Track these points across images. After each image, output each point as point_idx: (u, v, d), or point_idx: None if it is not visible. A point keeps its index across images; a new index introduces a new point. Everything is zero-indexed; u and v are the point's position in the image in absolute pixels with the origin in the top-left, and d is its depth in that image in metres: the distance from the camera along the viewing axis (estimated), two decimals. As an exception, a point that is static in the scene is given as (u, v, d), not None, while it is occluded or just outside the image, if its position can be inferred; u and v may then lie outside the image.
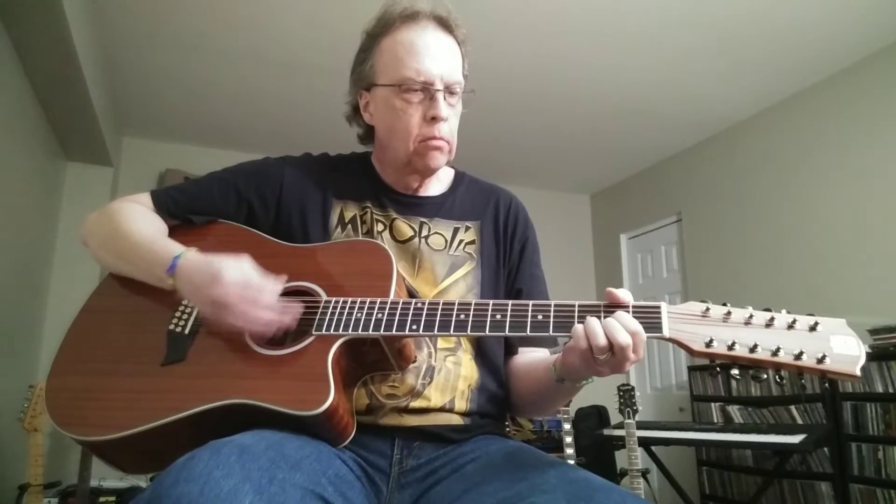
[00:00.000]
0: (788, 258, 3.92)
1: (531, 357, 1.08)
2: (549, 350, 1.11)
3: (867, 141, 3.53)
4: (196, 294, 0.89)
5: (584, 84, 3.90)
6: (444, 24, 1.04)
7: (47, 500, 2.88)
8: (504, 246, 1.12)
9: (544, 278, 1.16)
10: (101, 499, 3.13)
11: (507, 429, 1.69)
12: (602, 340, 0.77)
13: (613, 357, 0.77)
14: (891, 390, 2.96)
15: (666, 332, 0.78)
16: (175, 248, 0.95)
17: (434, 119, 1.00)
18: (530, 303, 0.84)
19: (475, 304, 0.86)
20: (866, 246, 3.47)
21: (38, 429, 2.61)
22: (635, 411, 2.72)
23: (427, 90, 1.00)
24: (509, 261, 1.12)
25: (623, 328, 0.77)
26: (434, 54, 1.00)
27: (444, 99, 1.01)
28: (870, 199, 3.48)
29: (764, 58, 3.57)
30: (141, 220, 1.02)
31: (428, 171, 1.07)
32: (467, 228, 1.10)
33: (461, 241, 1.08)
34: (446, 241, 1.07)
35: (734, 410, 3.69)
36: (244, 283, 0.86)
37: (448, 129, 1.03)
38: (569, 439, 2.90)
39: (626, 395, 2.74)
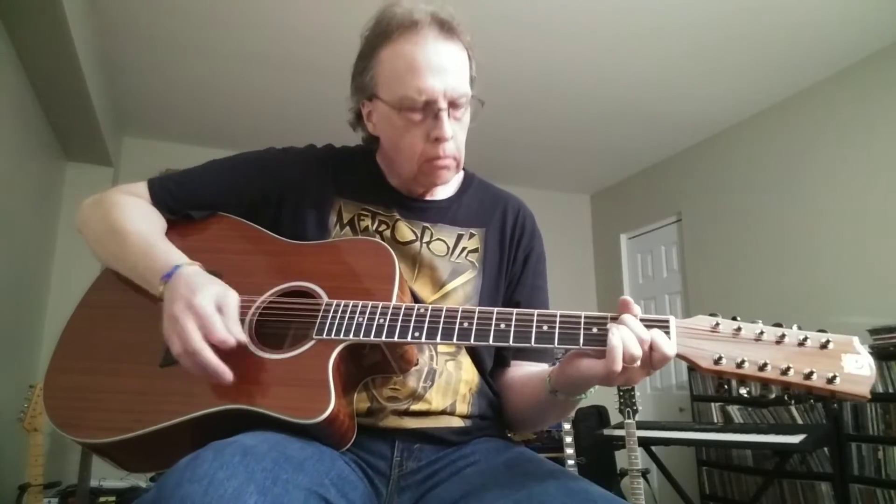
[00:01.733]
0: (788, 258, 3.92)
1: (527, 370, 1.04)
2: (546, 364, 1.08)
3: (867, 141, 3.53)
4: (168, 305, 0.84)
5: (585, 84, 3.90)
6: (447, 30, 0.96)
7: (47, 500, 2.88)
8: (508, 255, 1.08)
9: (547, 290, 1.11)
10: (101, 499, 3.12)
11: (509, 431, 1.68)
12: (636, 350, 0.75)
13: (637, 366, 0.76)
14: (891, 390, 2.96)
15: (674, 348, 0.77)
16: (175, 257, 0.91)
17: (438, 140, 0.96)
18: (535, 312, 0.82)
19: (479, 312, 0.84)
20: (866, 246, 3.47)
21: (38, 429, 2.61)
22: (635, 411, 2.72)
23: (430, 109, 0.94)
24: (511, 270, 1.08)
25: (643, 329, 0.77)
26: (436, 69, 0.93)
27: (449, 116, 0.95)
28: (870, 198, 3.48)
29: (764, 58, 3.57)
30: (139, 218, 0.99)
31: (434, 186, 1.05)
32: (471, 236, 1.06)
33: (464, 248, 1.05)
34: (448, 247, 1.04)
35: (734, 410, 3.69)
36: (209, 314, 0.81)
37: (454, 146, 0.98)
38: (569, 439, 2.90)
39: (626, 395, 2.74)
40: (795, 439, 2.79)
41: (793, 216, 3.93)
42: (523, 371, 1.04)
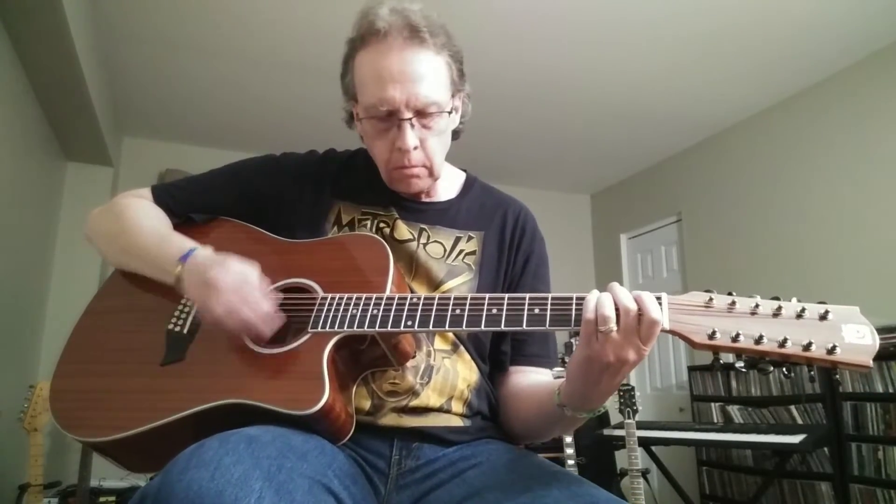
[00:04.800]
0: (788, 258, 3.92)
1: (533, 379, 1.04)
2: (549, 370, 1.07)
3: (867, 141, 3.53)
4: (193, 277, 0.89)
5: (585, 84, 3.90)
6: (417, 37, 0.94)
7: (47, 500, 2.88)
8: (508, 258, 1.07)
9: (549, 293, 1.11)
10: (101, 499, 3.12)
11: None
12: (608, 310, 0.74)
13: (617, 334, 0.74)
14: (891, 390, 2.96)
15: (666, 324, 0.74)
16: (190, 242, 0.96)
17: (401, 150, 0.96)
18: (527, 296, 0.83)
19: (471, 299, 0.84)
20: (866, 246, 3.47)
21: (38, 429, 2.60)
22: (635, 411, 2.72)
23: (393, 118, 0.94)
24: (510, 274, 1.07)
25: (628, 293, 0.75)
26: (398, 78, 0.92)
27: (415, 125, 0.95)
28: (870, 198, 3.48)
29: (763, 59, 3.57)
30: (150, 215, 1.02)
31: (408, 192, 1.04)
32: (469, 238, 1.06)
33: (461, 251, 1.05)
34: (445, 250, 1.04)
35: (734, 410, 3.69)
36: (243, 278, 0.86)
37: (421, 155, 0.97)
38: (569, 439, 2.90)
39: (626, 395, 2.74)
40: (795, 439, 2.79)
41: (792, 216, 3.93)
42: (529, 380, 1.03)
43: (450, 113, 1.00)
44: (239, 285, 0.85)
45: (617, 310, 0.74)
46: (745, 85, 3.88)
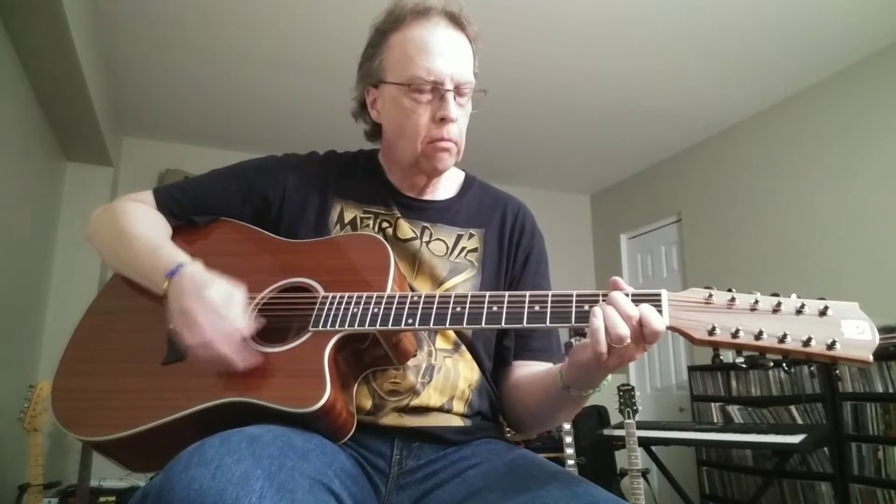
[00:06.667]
0: (788, 258, 3.92)
1: (534, 369, 1.05)
2: (552, 363, 1.07)
3: (866, 141, 3.53)
4: (174, 301, 0.87)
5: (585, 84, 3.90)
6: (456, 21, 1.01)
7: (47, 500, 2.88)
8: (508, 255, 1.09)
9: (550, 289, 1.09)
10: (101, 499, 3.13)
11: (508, 432, 1.67)
12: (622, 329, 0.73)
13: (629, 344, 0.74)
14: (891, 390, 2.96)
15: (666, 321, 0.75)
16: (180, 255, 0.94)
17: (443, 120, 0.98)
18: (527, 294, 0.83)
19: (471, 297, 0.85)
20: (866, 246, 3.47)
21: (38, 429, 2.60)
22: (635, 411, 2.72)
23: (437, 90, 0.98)
24: (512, 270, 1.09)
25: (629, 302, 0.75)
26: (445, 52, 0.98)
27: (454, 99, 0.99)
28: (869, 199, 3.48)
29: (763, 59, 3.57)
30: (145, 222, 1.02)
31: (435, 173, 1.06)
32: (471, 236, 1.08)
33: (463, 248, 1.06)
34: (447, 247, 1.05)
35: (734, 410, 3.69)
36: (222, 306, 0.84)
37: (457, 130, 1.01)
38: (569, 439, 2.90)
39: (626, 395, 2.74)
40: (795, 439, 2.79)
41: (792, 216, 3.93)
42: (530, 369, 1.04)
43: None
44: (216, 318, 0.83)
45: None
46: (745, 85, 3.89)
